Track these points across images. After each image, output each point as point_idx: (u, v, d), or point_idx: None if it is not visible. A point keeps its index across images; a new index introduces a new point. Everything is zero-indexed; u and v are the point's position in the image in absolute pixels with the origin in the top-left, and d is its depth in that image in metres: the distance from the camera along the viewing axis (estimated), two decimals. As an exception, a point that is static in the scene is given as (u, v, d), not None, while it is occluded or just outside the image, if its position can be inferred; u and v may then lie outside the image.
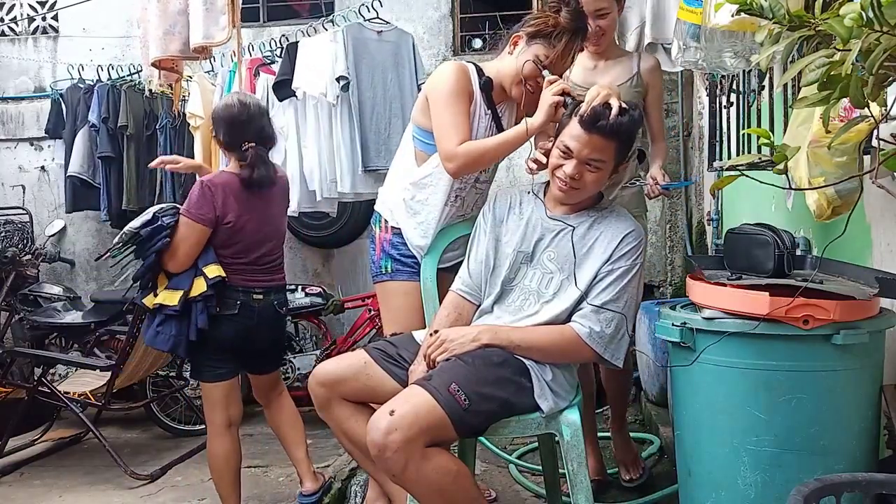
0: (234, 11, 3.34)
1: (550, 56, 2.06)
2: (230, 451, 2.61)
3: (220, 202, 2.49)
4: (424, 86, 2.23)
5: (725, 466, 1.71)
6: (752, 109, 2.74)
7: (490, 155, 2.10)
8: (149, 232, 2.43)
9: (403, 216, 2.25)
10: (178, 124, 4.76)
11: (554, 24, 2.06)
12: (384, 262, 2.29)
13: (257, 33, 5.16)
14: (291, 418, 2.85)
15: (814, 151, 1.69)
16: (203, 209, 2.47)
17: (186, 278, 2.47)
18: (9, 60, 5.60)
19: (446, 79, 2.10)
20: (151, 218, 2.45)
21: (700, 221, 4.46)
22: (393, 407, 1.65)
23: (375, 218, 2.34)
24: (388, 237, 2.28)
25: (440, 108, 2.09)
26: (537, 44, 2.07)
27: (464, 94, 2.10)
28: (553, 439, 2.13)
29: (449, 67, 2.12)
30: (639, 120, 1.91)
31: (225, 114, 2.59)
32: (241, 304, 2.54)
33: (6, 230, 5.01)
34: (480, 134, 2.17)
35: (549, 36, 2.06)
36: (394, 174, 2.33)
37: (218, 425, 2.60)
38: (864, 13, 1.00)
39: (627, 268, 1.88)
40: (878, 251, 1.91)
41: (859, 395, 1.69)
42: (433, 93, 2.12)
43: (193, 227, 2.46)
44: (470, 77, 2.13)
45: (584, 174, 1.88)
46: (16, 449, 3.77)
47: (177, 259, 2.46)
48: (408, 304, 2.25)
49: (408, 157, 2.26)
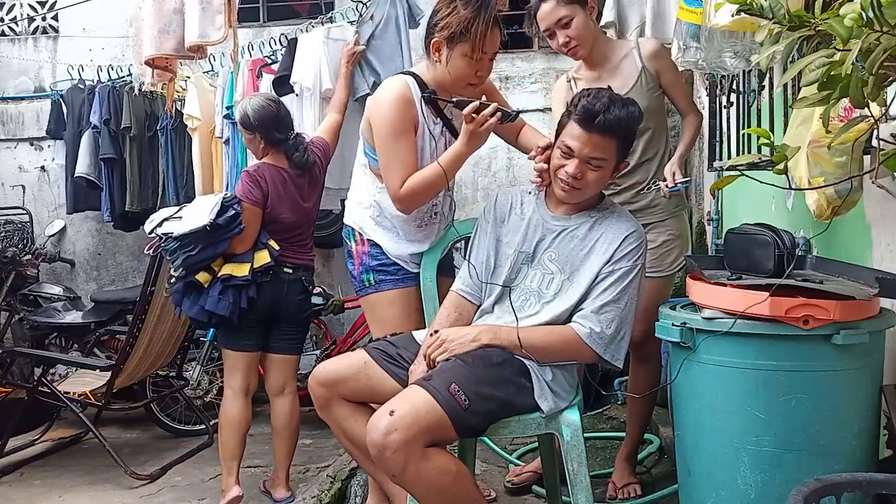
0: (231, 11, 3.32)
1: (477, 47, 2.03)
2: (242, 416, 2.84)
3: (267, 187, 2.77)
4: (368, 108, 2.20)
5: (725, 466, 1.71)
6: (752, 109, 2.74)
7: (435, 183, 2.10)
8: (226, 220, 2.66)
9: (377, 231, 2.24)
10: (178, 125, 4.76)
11: (458, 20, 2.02)
12: (366, 276, 2.27)
13: (257, 33, 5.15)
14: (290, 426, 2.93)
15: (814, 151, 1.69)
16: (255, 193, 2.75)
17: (248, 253, 2.75)
18: (9, 60, 5.60)
19: (388, 116, 2.08)
20: (222, 208, 2.66)
21: (700, 221, 4.46)
22: (393, 407, 1.65)
23: (348, 232, 2.32)
24: (365, 250, 2.26)
25: (383, 148, 2.10)
26: (459, 44, 2.05)
27: (406, 127, 2.09)
28: (553, 439, 2.12)
29: (389, 97, 2.09)
30: (638, 115, 1.89)
31: (265, 114, 2.83)
32: (273, 274, 2.78)
33: (6, 230, 5.01)
34: (436, 143, 2.16)
35: (465, 32, 2.02)
36: (355, 189, 2.32)
37: (236, 388, 2.84)
38: (864, 13, 1.00)
39: (628, 268, 1.88)
40: (878, 251, 1.91)
41: (859, 395, 1.69)
42: (376, 126, 2.11)
43: (253, 211, 2.74)
44: (412, 102, 2.10)
45: (586, 173, 1.87)
46: (16, 449, 3.76)
47: (245, 242, 2.74)
48: (396, 313, 2.24)
49: (365, 174, 2.25)
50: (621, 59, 2.44)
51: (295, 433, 2.95)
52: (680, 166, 2.34)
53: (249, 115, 2.83)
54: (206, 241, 2.66)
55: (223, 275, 2.71)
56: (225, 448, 2.84)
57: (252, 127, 2.84)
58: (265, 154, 2.89)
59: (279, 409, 2.93)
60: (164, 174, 4.78)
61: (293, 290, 2.87)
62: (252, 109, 2.84)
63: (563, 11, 2.29)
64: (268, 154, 2.89)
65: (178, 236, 2.65)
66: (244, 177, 2.81)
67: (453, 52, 2.06)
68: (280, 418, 2.92)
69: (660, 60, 2.41)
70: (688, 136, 2.46)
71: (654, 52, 2.43)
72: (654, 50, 2.43)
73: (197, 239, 2.65)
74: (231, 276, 2.71)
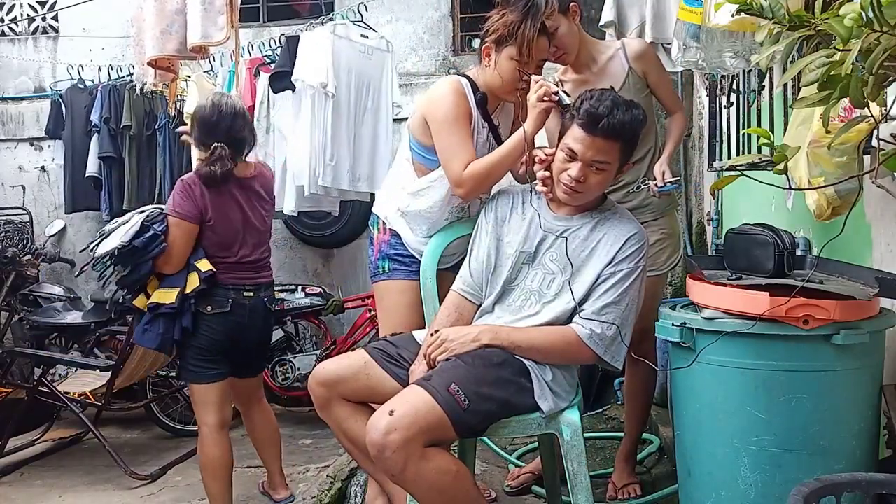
0: (233, 11, 3.33)
1: (524, 51, 2.07)
2: (225, 453, 2.63)
3: (199, 198, 2.53)
4: (421, 106, 2.22)
5: (725, 466, 1.71)
6: (752, 109, 2.74)
7: (496, 170, 2.11)
8: (144, 242, 2.45)
9: (400, 222, 2.26)
10: (177, 124, 4.76)
11: (506, 23, 2.07)
12: (381, 263, 2.31)
13: (257, 33, 5.16)
14: (269, 431, 2.88)
15: (814, 151, 1.69)
16: (187, 206, 2.51)
17: (181, 277, 2.51)
18: (9, 60, 5.60)
19: (446, 104, 2.10)
20: (141, 228, 2.47)
21: (700, 221, 4.46)
22: (392, 407, 1.65)
23: (373, 220, 2.36)
24: (385, 238, 2.30)
25: (443, 134, 2.11)
26: (507, 47, 2.08)
27: (464, 116, 2.11)
28: (553, 439, 2.12)
29: (446, 89, 2.12)
30: (642, 119, 1.89)
31: (197, 114, 2.63)
32: (232, 302, 2.58)
33: (6, 230, 5.01)
34: (480, 148, 2.17)
35: (512, 35, 2.07)
36: (392, 181, 2.34)
37: (212, 425, 2.60)
38: (864, 13, 1.00)
39: (630, 270, 1.88)
40: (878, 251, 1.91)
41: (859, 395, 1.69)
42: (434, 116, 2.12)
43: (183, 226, 2.50)
44: (467, 96, 2.13)
45: (589, 176, 1.87)
46: (16, 449, 3.77)
47: (172, 261, 2.51)
48: (403, 301, 2.27)
49: (406, 166, 2.27)
50: (608, 61, 2.43)
51: (277, 435, 2.91)
52: (669, 165, 2.33)
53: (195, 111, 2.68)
54: (131, 261, 2.48)
55: (151, 303, 2.50)
56: (213, 487, 2.63)
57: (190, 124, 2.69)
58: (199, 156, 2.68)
59: (255, 420, 2.85)
60: (161, 173, 4.79)
61: (255, 312, 2.65)
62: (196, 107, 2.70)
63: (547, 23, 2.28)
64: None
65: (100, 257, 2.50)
66: (178, 186, 2.55)
67: (501, 56, 2.10)
68: (258, 429, 2.87)
69: (646, 60, 2.41)
70: (675, 135, 2.45)
71: (640, 52, 2.42)
72: (640, 50, 2.42)
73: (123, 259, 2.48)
74: (157, 303, 2.48)
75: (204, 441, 2.62)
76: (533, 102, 2.01)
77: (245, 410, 2.86)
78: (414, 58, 5.16)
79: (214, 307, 2.55)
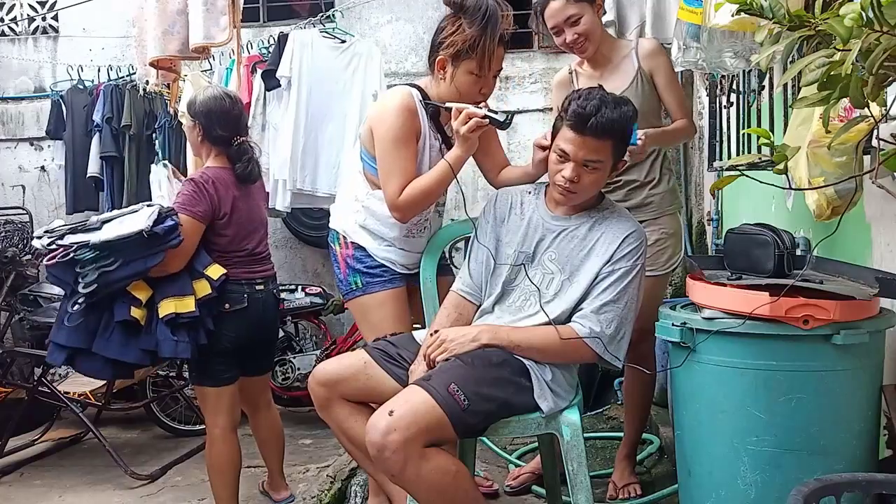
0: (235, 12, 3.34)
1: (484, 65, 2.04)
2: (235, 454, 2.61)
3: (216, 197, 2.49)
4: (371, 117, 2.17)
5: (725, 466, 1.71)
6: (752, 109, 2.75)
7: (432, 191, 2.09)
8: (165, 229, 2.33)
9: (363, 236, 2.20)
10: (176, 124, 4.77)
11: (465, 38, 2.02)
12: (352, 278, 2.23)
13: (257, 33, 5.16)
14: (274, 432, 2.88)
15: (814, 151, 1.69)
16: (200, 205, 2.45)
17: (187, 284, 2.43)
18: (9, 60, 5.60)
19: (390, 122, 2.06)
20: (159, 216, 2.35)
21: (700, 221, 4.47)
22: (392, 407, 1.65)
23: (333, 236, 2.28)
24: (349, 253, 2.22)
25: (384, 153, 2.07)
26: (465, 61, 2.04)
27: (408, 137, 2.07)
28: (553, 439, 2.12)
29: (394, 106, 2.07)
30: (632, 115, 1.87)
31: (214, 105, 2.55)
32: (248, 297, 2.55)
33: (6, 230, 4.99)
34: (433, 160, 2.13)
35: (472, 49, 2.02)
36: (345, 194, 2.29)
37: (223, 428, 2.58)
38: (864, 13, 1.00)
39: (628, 269, 1.88)
40: (878, 251, 1.91)
41: (859, 395, 1.69)
42: (378, 132, 2.09)
43: (193, 225, 2.43)
44: (417, 113, 2.09)
45: (582, 176, 1.87)
46: (16, 449, 3.77)
47: (180, 258, 2.42)
48: (386, 314, 2.20)
49: (359, 178, 2.23)
50: (622, 60, 2.44)
51: (281, 437, 2.91)
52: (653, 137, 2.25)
53: (198, 101, 2.58)
54: (136, 252, 2.31)
55: (166, 315, 2.37)
56: (221, 489, 2.60)
57: (195, 114, 2.57)
58: (203, 151, 2.63)
59: (262, 422, 2.85)
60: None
61: (269, 305, 2.66)
62: (204, 97, 2.59)
63: (572, 10, 2.31)
64: (209, 154, 2.62)
65: (97, 244, 2.29)
66: (188, 185, 2.47)
67: (458, 70, 2.06)
68: (263, 430, 2.86)
69: (654, 59, 2.40)
70: (672, 127, 2.40)
71: (649, 50, 2.42)
72: (651, 49, 2.42)
73: (124, 249, 2.30)
74: (177, 314, 2.38)
75: (214, 443, 2.59)
76: (462, 133, 1.99)
77: (252, 412, 2.84)
78: (414, 57, 5.16)
79: (232, 304, 2.52)
